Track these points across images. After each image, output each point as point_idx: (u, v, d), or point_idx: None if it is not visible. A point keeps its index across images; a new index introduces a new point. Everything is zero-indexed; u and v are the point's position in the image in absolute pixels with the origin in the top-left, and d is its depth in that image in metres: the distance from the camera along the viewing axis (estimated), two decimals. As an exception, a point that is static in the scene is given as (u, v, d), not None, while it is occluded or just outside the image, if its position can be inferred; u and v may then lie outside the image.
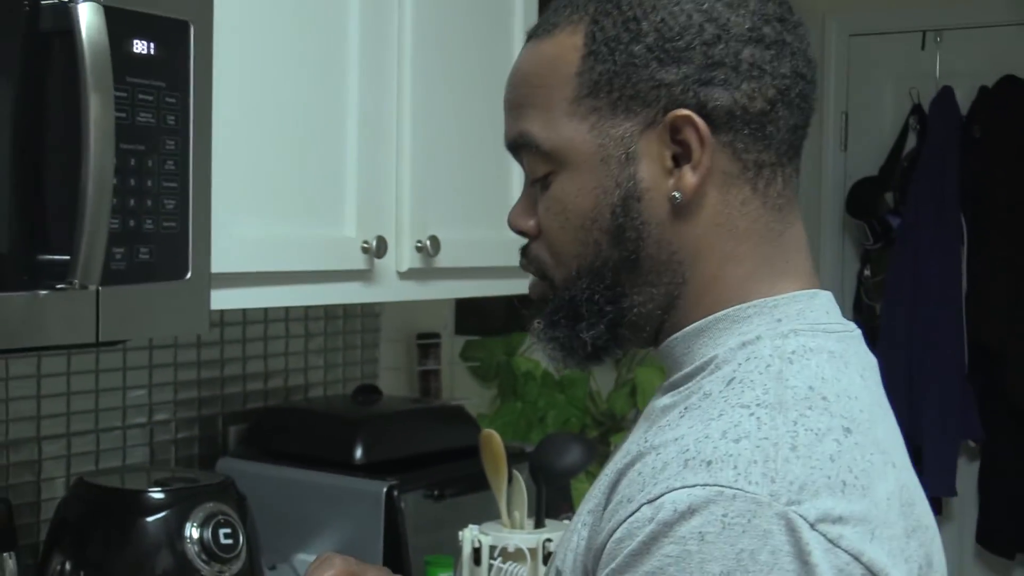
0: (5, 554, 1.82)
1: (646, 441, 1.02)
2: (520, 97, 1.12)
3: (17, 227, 1.43)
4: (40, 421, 2.08)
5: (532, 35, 1.14)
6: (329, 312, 2.59)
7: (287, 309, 2.48)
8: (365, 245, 2.00)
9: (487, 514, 2.08)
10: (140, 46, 1.54)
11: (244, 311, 2.39)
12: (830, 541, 0.93)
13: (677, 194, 1.05)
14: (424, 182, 2.10)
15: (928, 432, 3.96)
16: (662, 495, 0.94)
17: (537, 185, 1.12)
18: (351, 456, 2.18)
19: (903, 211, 4.10)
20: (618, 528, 0.96)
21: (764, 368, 1.01)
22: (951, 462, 3.99)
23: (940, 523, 4.01)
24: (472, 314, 2.89)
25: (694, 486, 0.93)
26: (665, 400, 1.08)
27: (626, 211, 1.06)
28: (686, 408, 1.02)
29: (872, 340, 4.21)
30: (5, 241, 1.42)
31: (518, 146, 1.12)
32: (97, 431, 2.16)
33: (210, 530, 1.84)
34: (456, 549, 2.02)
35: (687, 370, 1.07)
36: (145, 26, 1.54)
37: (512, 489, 2.01)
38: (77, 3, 1.42)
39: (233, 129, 1.75)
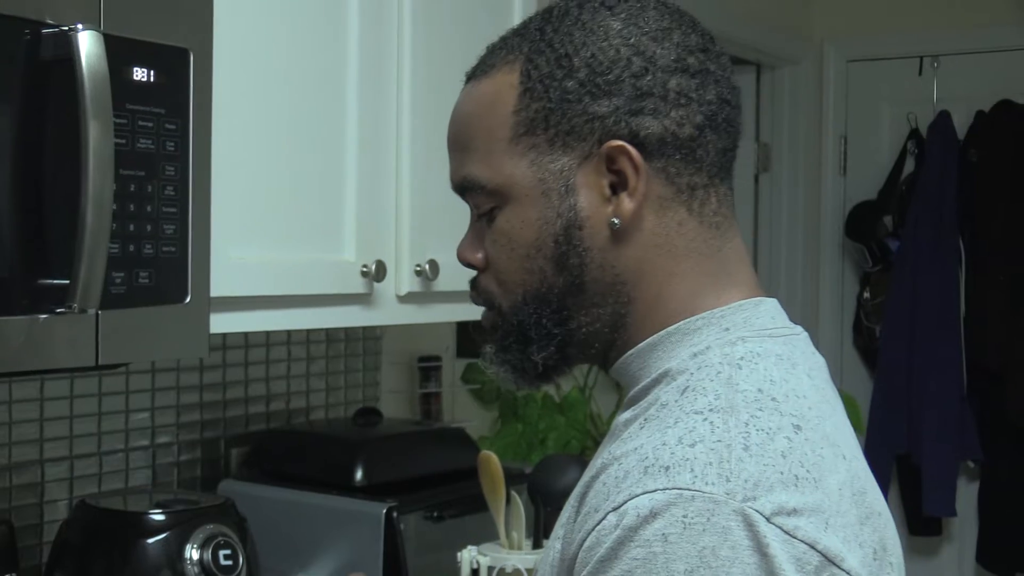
0: (7, 575, 1.82)
1: (609, 454, 1.06)
2: (462, 138, 1.16)
3: (18, 251, 1.43)
4: (43, 444, 2.08)
5: (471, 76, 1.17)
6: (331, 335, 2.59)
7: (289, 332, 2.49)
8: (364, 269, 2.00)
9: (486, 535, 2.08)
10: (140, 74, 1.55)
11: (246, 335, 2.39)
12: (786, 533, 0.96)
13: (616, 220, 1.09)
14: (423, 207, 2.10)
15: (928, 452, 3.96)
16: (625, 502, 0.98)
17: (483, 219, 1.15)
18: (351, 478, 2.17)
19: (902, 234, 4.10)
20: (587, 537, 1.00)
21: (715, 375, 1.05)
22: (951, 482, 3.99)
23: (940, 543, 4.03)
24: (473, 337, 2.89)
25: (655, 491, 0.97)
26: (626, 415, 1.11)
27: (568, 239, 1.10)
28: (645, 419, 1.06)
29: (872, 362, 4.23)
30: (6, 265, 1.42)
31: (464, 189, 1.16)
32: (100, 454, 2.16)
33: (210, 551, 1.84)
34: (455, 570, 2.02)
35: (644, 383, 1.11)
36: (145, 54, 1.55)
37: (510, 510, 2.00)
38: (77, 31, 1.43)
39: (232, 155, 1.75)
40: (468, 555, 1.99)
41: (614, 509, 0.98)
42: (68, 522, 1.95)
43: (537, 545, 1.99)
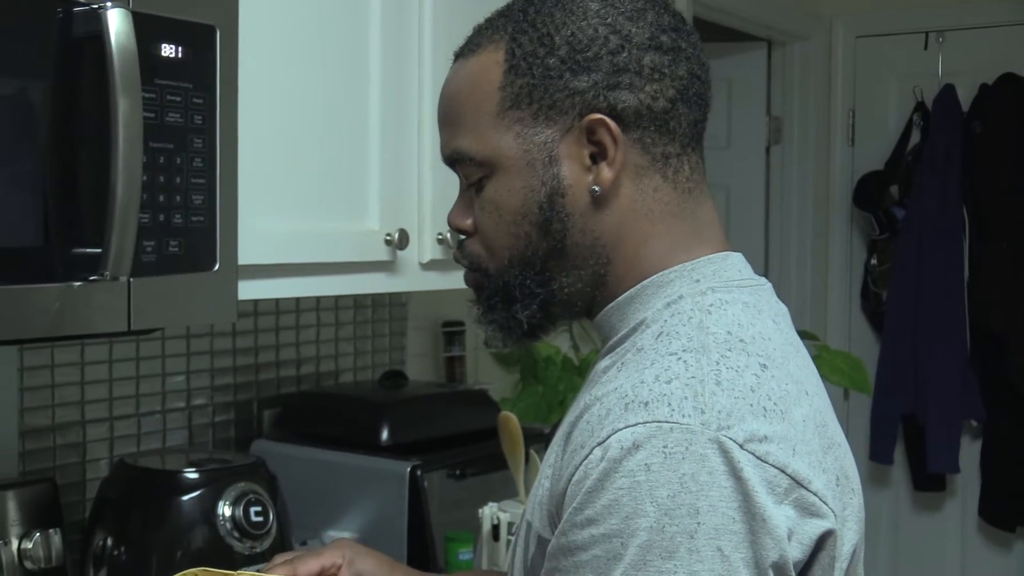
0: (51, 530, 1.81)
1: (592, 396, 1.08)
2: (451, 114, 1.20)
3: (53, 222, 1.41)
4: (84, 406, 2.07)
5: (458, 55, 1.21)
6: (358, 302, 2.57)
7: (318, 299, 2.47)
8: (388, 238, 1.97)
9: (506, 492, 2.06)
10: (168, 50, 1.52)
11: (277, 301, 2.37)
12: (758, 458, 1.00)
13: (596, 188, 1.13)
14: (444, 177, 2.04)
15: (933, 412, 3.94)
16: (609, 436, 1.01)
17: (472, 188, 1.19)
18: (378, 438, 2.16)
19: (908, 203, 4.05)
20: (575, 472, 1.03)
21: (687, 320, 1.09)
22: (955, 440, 3.96)
23: (943, 498, 4.01)
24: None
25: (636, 425, 1.00)
26: (605, 362, 1.15)
27: (552, 206, 1.14)
28: (622, 363, 1.09)
29: (878, 325, 4.19)
30: (41, 235, 1.40)
31: (454, 159, 1.19)
32: (138, 415, 2.15)
33: (241, 508, 1.82)
34: (476, 525, 2.00)
35: (622, 333, 1.14)
36: (173, 31, 1.52)
37: (529, 468, 1.98)
38: (107, 9, 1.40)
39: (259, 127, 1.72)
40: (489, 511, 1.97)
41: (599, 444, 1.01)
42: (108, 480, 1.94)
43: (555, 501, 1.97)
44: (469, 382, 2.81)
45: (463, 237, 1.22)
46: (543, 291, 1.16)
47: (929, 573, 4.16)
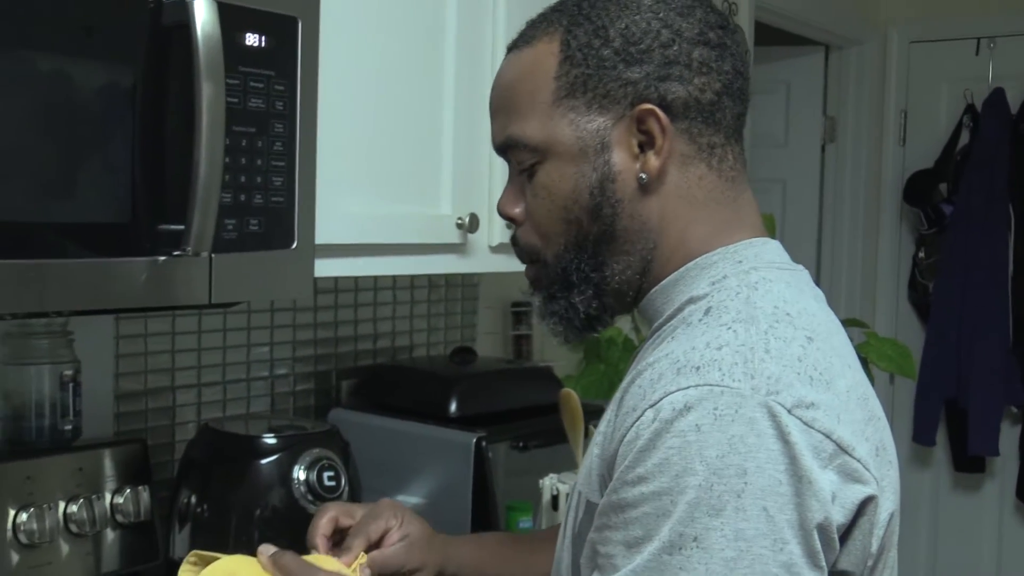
0: (140, 487, 1.78)
1: (643, 363, 1.05)
2: (505, 101, 1.15)
3: (140, 200, 1.37)
4: (174, 372, 2.04)
5: (512, 47, 1.17)
6: (432, 281, 2.52)
7: (394, 278, 2.42)
8: (459, 221, 1.92)
9: (566, 465, 2.00)
10: (252, 39, 1.47)
11: (356, 280, 2.33)
12: (805, 423, 0.96)
13: (644, 175, 1.10)
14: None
15: (975, 398, 3.84)
16: (661, 399, 0.97)
17: (523, 175, 1.15)
18: (447, 409, 2.10)
19: (955, 200, 3.93)
20: (627, 433, 0.99)
21: (735, 296, 1.05)
22: (995, 425, 3.86)
23: (983, 479, 3.92)
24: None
25: (688, 387, 0.97)
26: (651, 341, 1.12)
27: (602, 191, 1.10)
28: (672, 337, 1.06)
29: (924, 315, 4.08)
30: (129, 211, 1.37)
31: (507, 147, 1.15)
32: (224, 383, 2.12)
33: (315, 473, 1.78)
34: (537, 495, 1.95)
35: (668, 313, 1.11)
36: (257, 21, 1.47)
37: (588, 442, 1.92)
38: (194, 1, 1.36)
39: (337, 114, 1.67)
40: (549, 482, 1.91)
41: (651, 406, 0.97)
42: (194, 442, 1.91)
43: (611, 474, 1.91)
44: (535, 359, 2.75)
45: (514, 228, 1.18)
46: (597, 276, 1.12)
47: (967, 550, 4.06)
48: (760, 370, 0.98)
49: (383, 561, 1.33)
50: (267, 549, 1.25)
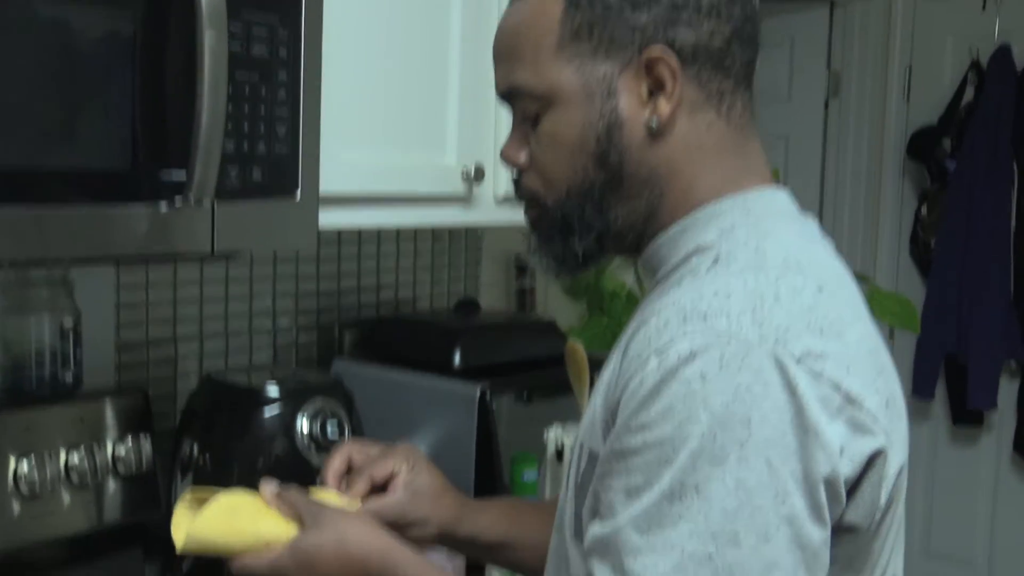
0: (142, 437, 1.75)
1: (648, 310, 1.02)
2: (509, 48, 1.12)
3: (141, 147, 1.33)
4: (176, 323, 2.00)
5: None
6: (436, 234, 2.48)
7: (398, 230, 2.38)
8: (465, 172, 1.88)
9: (570, 417, 1.97)
10: (255, -16, 1.43)
11: (359, 231, 2.29)
12: (813, 374, 0.93)
13: (653, 121, 1.06)
14: (518, 117, 1.97)
15: (974, 351, 3.81)
16: (666, 346, 0.95)
17: (527, 123, 1.11)
18: (451, 361, 2.07)
19: (959, 156, 3.88)
20: (631, 380, 0.96)
21: (743, 245, 1.03)
22: (994, 379, 3.83)
23: (980, 433, 3.90)
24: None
25: (694, 335, 0.94)
26: (656, 291, 1.08)
27: (609, 138, 1.07)
28: (679, 285, 1.03)
29: (925, 271, 4.04)
30: (130, 159, 1.32)
31: (511, 94, 1.12)
32: (226, 333, 2.08)
33: (318, 423, 1.75)
34: (541, 447, 1.92)
35: (673, 262, 1.08)
36: (260, -35, 1.43)
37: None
38: (196, -57, 1.31)
39: (342, 62, 1.62)
40: (554, 434, 1.88)
41: (656, 353, 0.95)
42: (196, 393, 1.88)
43: (615, 428, 1.88)
44: (538, 312, 2.72)
45: (518, 173, 1.14)
46: (600, 223, 1.09)
47: (963, 502, 4.05)
48: (769, 319, 0.95)
49: (377, 509, 1.28)
50: (269, 484, 1.22)
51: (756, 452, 0.91)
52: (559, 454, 1.86)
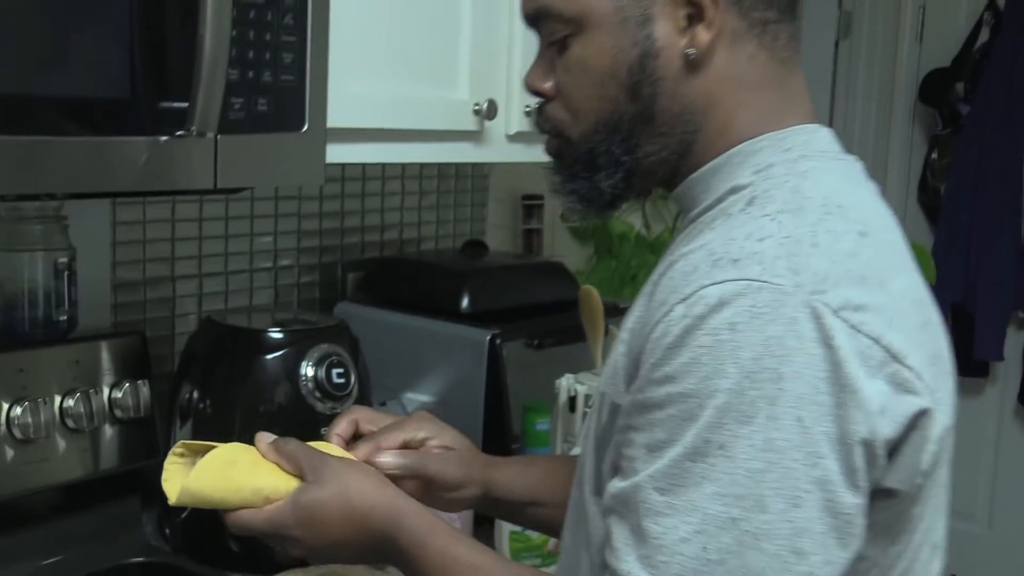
0: (140, 382, 1.68)
1: (676, 253, 0.96)
2: None
3: (140, 74, 1.24)
4: (174, 262, 1.92)
5: None
6: (442, 171, 2.39)
7: (403, 167, 2.30)
8: (477, 107, 1.79)
9: (582, 364, 1.90)
10: (261, -100, 1.33)
11: (363, 167, 2.21)
12: (852, 326, 0.87)
13: (691, 51, 0.99)
14: (534, 48, 1.87)
15: (982, 302, 3.74)
16: (694, 293, 0.88)
17: (554, 48, 1.04)
18: (458, 305, 2.00)
19: (973, 100, 3.79)
20: (655, 329, 0.90)
21: (781, 185, 0.96)
22: (1001, 330, 3.77)
23: (985, 384, 3.84)
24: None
25: (723, 282, 0.88)
26: (687, 231, 1.02)
27: (643, 68, 1.00)
28: (710, 228, 0.96)
29: (933, 218, 3.97)
30: (128, 88, 1.24)
31: (538, 17, 1.04)
32: (226, 273, 2.00)
33: (324, 369, 1.67)
34: (552, 395, 1.85)
35: (706, 203, 1.01)
36: None
37: (607, 342, 1.82)
38: None
39: (352, -12, 1.54)
40: (566, 382, 1.81)
41: (682, 300, 0.89)
42: (195, 335, 1.80)
43: (630, 376, 1.81)
44: (546, 254, 2.64)
45: (542, 101, 1.07)
46: (628, 159, 1.03)
47: (966, 454, 3.99)
48: (805, 265, 0.88)
49: (421, 464, 1.20)
50: (265, 437, 1.13)
51: (787, 410, 0.85)
52: (571, 403, 1.79)
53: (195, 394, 1.71)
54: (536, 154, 1.93)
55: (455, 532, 1.07)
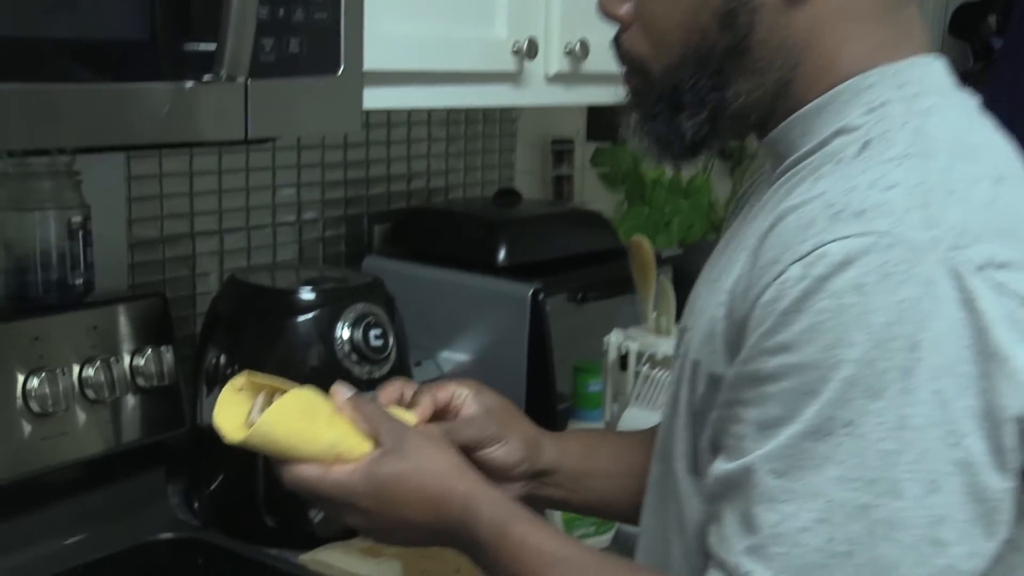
0: (162, 347, 1.56)
1: (784, 205, 0.84)
2: None
3: (161, 12, 1.12)
4: (193, 217, 1.80)
5: None
6: (469, 116, 2.26)
7: (429, 112, 2.16)
8: (516, 47, 1.66)
9: (628, 319, 1.79)
10: None
11: (388, 114, 2.08)
12: (997, 286, 0.77)
13: None
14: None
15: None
16: (812, 251, 0.78)
17: None
18: (494, 257, 1.87)
19: (1007, 33, 3.65)
20: (764, 292, 0.80)
21: (900, 126, 0.84)
22: None
23: None
24: (603, 121, 2.54)
25: (848, 237, 0.77)
26: (781, 182, 0.90)
27: None
28: (819, 176, 0.85)
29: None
30: (148, 28, 1.11)
31: None
32: (248, 228, 1.88)
33: (361, 331, 1.55)
34: (597, 352, 1.73)
35: (807, 147, 0.90)
36: None
37: (659, 295, 1.70)
38: None
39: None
40: (615, 339, 1.70)
41: (798, 259, 0.78)
42: (219, 296, 1.67)
43: (684, 331, 1.69)
44: (576, 201, 2.52)
45: (619, 31, 0.96)
46: (715, 96, 0.91)
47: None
48: (942, 217, 0.78)
49: (449, 428, 1.09)
50: (344, 389, 1.02)
51: (924, 382, 0.75)
52: (622, 362, 1.67)
53: (222, 359, 1.59)
54: (576, 96, 1.82)
55: (537, 520, 0.96)
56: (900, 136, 0.84)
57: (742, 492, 0.82)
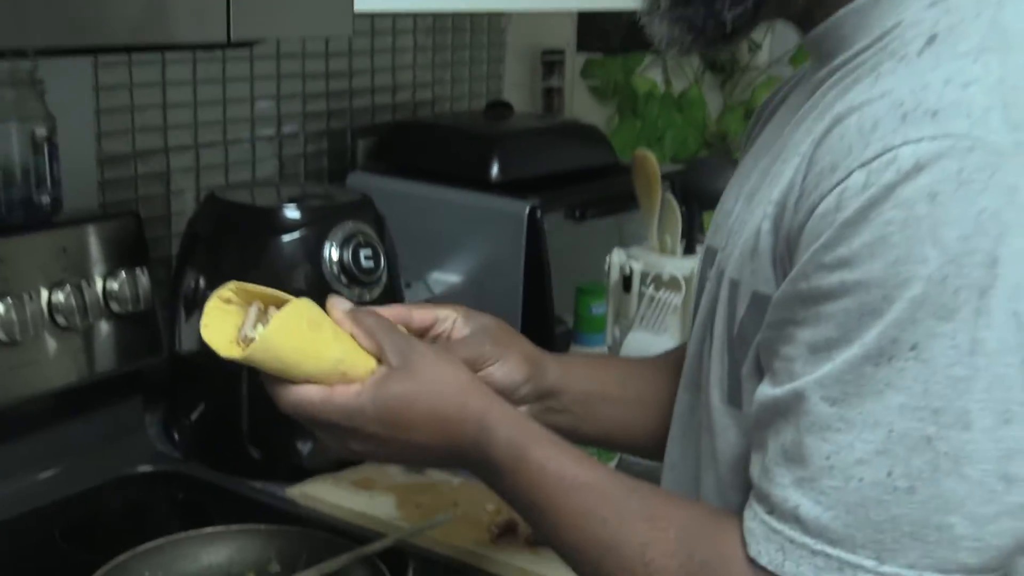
0: (137, 269, 1.46)
1: (842, 105, 0.75)
2: None
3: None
4: (167, 131, 1.68)
5: None
6: (456, 25, 2.14)
7: (415, 19, 2.04)
8: (511, -56, 1.54)
9: (629, 237, 1.70)
10: None
11: (372, 20, 1.95)
12: None
13: None
14: None
15: None
16: (879, 155, 0.70)
17: None
18: (487, 173, 1.77)
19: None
20: (822, 201, 0.72)
21: (973, 18, 0.75)
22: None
23: None
24: (594, 31, 2.43)
25: (919, 140, 0.69)
26: (831, 83, 0.80)
27: None
28: (879, 74, 0.75)
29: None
30: (116, -86, 0.99)
31: None
32: (225, 143, 1.76)
33: (350, 251, 1.45)
34: (598, 272, 1.64)
35: (861, 44, 0.80)
36: None
37: (664, 213, 1.60)
38: None
39: None
40: (617, 258, 1.60)
41: (862, 165, 0.70)
42: (197, 215, 1.56)
43: (690, 250, 1.60)
44: (566, 114, 2.41)
45: None
46: None
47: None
48: None
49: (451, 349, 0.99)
50: (340, 302, 0.93)
51: (1002, 303, 0.68)
52: (626, 283, 1.58)
53: (200, 282, 1.49)
54: (576, 1, 1.70)
55: (558, 441, 0.88)
56: (973, 28, 0.75)
57: (791, 419, 0.74)
